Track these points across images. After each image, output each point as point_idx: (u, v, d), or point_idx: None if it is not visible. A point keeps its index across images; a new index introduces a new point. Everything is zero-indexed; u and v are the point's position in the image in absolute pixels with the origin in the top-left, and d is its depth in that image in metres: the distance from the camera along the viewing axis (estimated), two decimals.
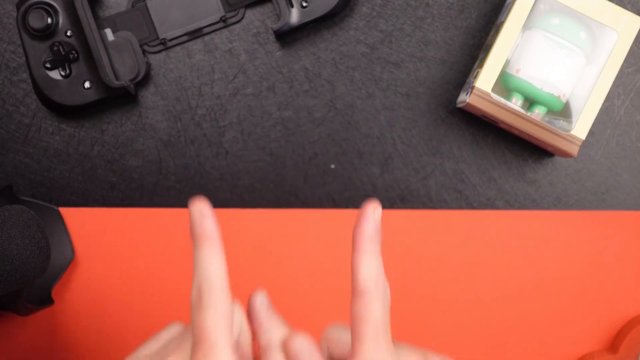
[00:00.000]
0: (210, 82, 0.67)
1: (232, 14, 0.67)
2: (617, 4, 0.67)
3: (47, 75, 0.65)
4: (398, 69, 0.68)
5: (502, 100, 0.63)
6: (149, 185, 0.67)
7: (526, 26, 0.64)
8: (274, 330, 0.49)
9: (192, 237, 0.47)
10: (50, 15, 0.64)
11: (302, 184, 0.67)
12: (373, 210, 0.48)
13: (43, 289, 0.65)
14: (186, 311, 0.67)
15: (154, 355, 0.48)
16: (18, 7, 0.65)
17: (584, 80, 0.64)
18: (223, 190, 0.67)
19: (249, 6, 0.68)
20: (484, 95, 0.63)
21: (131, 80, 0.65)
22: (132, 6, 0.66)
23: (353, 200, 0.67)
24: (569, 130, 0.63)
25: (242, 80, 0.68)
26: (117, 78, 0.65)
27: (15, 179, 0.67)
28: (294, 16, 0.65)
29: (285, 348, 0.48)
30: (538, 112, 0.63)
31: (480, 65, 0.64)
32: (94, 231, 0.67)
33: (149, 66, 0.67)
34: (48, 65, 0.65)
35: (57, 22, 0.65)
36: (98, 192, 0.67)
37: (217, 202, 0.67)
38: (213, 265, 0.46)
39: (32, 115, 0.67)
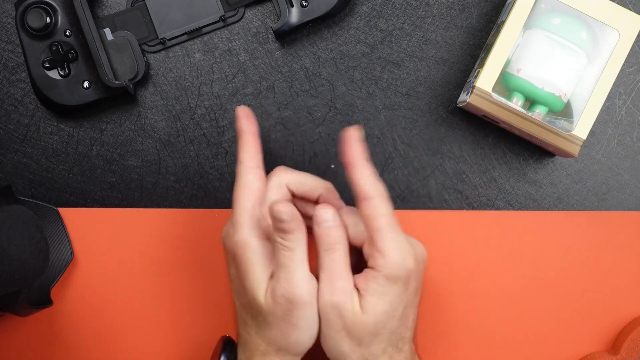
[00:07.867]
0: (209, 82, 0.67)
1: (232, 13, 0.67)
2: (618, 3, 0.67)
3: (46, 75, 0.64)
4: (398, 68, 0.67)
5: (503, 100, 0.63)
6: (148, 185, 0.67)
7: (527, 26, 0.63)
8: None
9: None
10: (49, 14, 0.64)
11: None
12: (353, 134, 0.57)
13: (42, 289, 0.65)
14: (186, 312, 0.67)
15: None
16: (17, 6, 0.64)
17: (585, 80, 0.64)
18: (223, 190, 0.67)
19: (248, 5, 0.67)
20: (484, 95, 0.63)
21: (130, 80, 0.65)
22: (131, 5, 0.66)
23: (353, 200, 0.67)
24: (570, 130, 0.63)
25: (242, 80, 0.67)
26: (116, 78, 0.65)
27: (14, 179, 0.67)
28: (294, 16, 0.65)
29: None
30: (539, 112, 0.63)
31: (481, 65, 0.63)
32: (93, 231, 0.67)
33: (148, 66, 0.67)
34: (47, 64, 0.64)
35: (56, 22, 0.64)
36: (97, 192, 0.67)
37: (217, 202, 0.67)
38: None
39: (30, 115, 0.67)
